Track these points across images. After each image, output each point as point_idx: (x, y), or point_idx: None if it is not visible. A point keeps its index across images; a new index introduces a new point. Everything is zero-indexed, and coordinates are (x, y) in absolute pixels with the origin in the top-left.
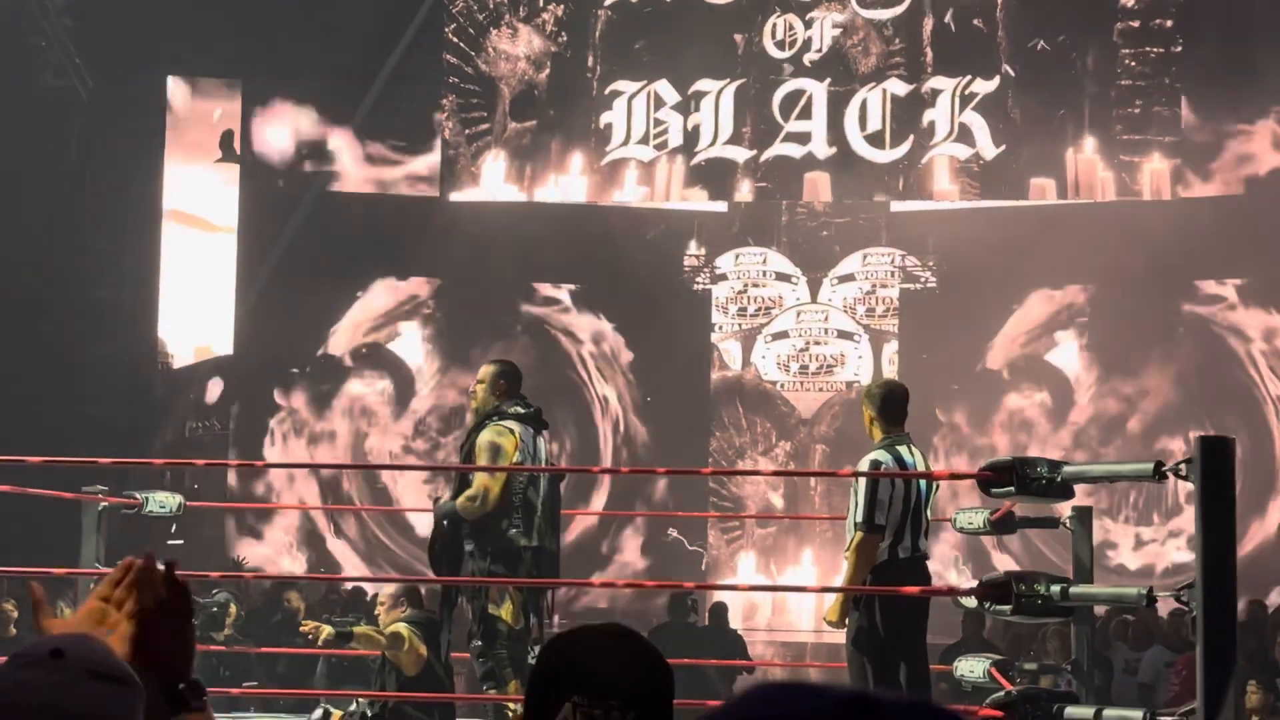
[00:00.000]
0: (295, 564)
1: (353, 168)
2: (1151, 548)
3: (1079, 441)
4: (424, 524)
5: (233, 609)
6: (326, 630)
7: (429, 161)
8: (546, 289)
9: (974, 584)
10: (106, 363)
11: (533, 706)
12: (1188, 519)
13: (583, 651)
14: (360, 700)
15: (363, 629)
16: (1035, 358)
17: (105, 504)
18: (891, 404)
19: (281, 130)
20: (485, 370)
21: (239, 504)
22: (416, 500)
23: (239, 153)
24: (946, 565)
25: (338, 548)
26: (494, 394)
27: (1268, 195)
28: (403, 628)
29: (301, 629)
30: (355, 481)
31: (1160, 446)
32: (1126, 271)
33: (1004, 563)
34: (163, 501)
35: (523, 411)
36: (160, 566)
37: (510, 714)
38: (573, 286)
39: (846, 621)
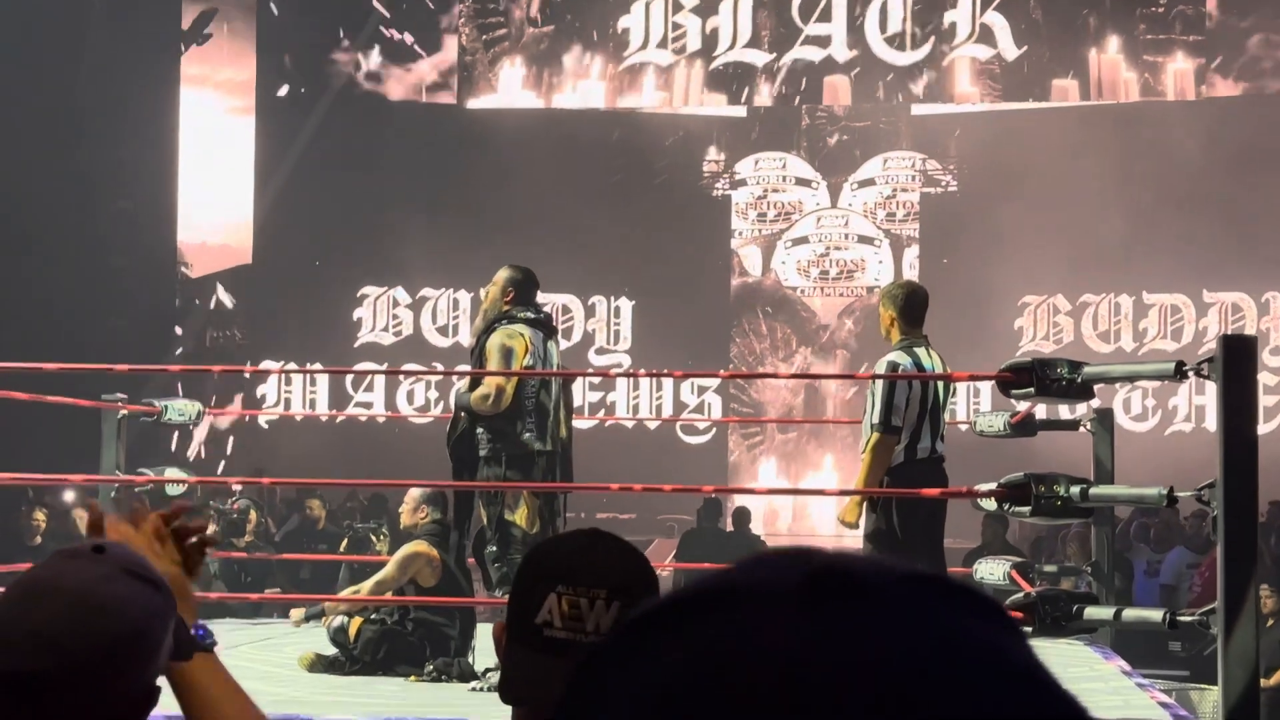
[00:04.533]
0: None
1: (369, 74)
2: (1167, 444)
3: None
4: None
5: (253, 515)
6: (297, 615)
7: (446, 68)
8: (564, 195)
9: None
10: (125, 272)
11: (516, 604)
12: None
13: (565, 547)
14: (381, 609)
15: (369, 584)
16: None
17: (124, 411)
18: (913, 306)
19: (297, 39)
20: (499, 274)
21: (257, 410)
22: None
23: (257, 62)
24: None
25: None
26: (504, 299)
27: None
28: (412, 547)
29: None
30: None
31: (1186, 342)
32: (1149, 173)
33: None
34: (181, 409)
35: (533, 316)
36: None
37: (494, 626)
38: (591, 192)
39: (862, 522)
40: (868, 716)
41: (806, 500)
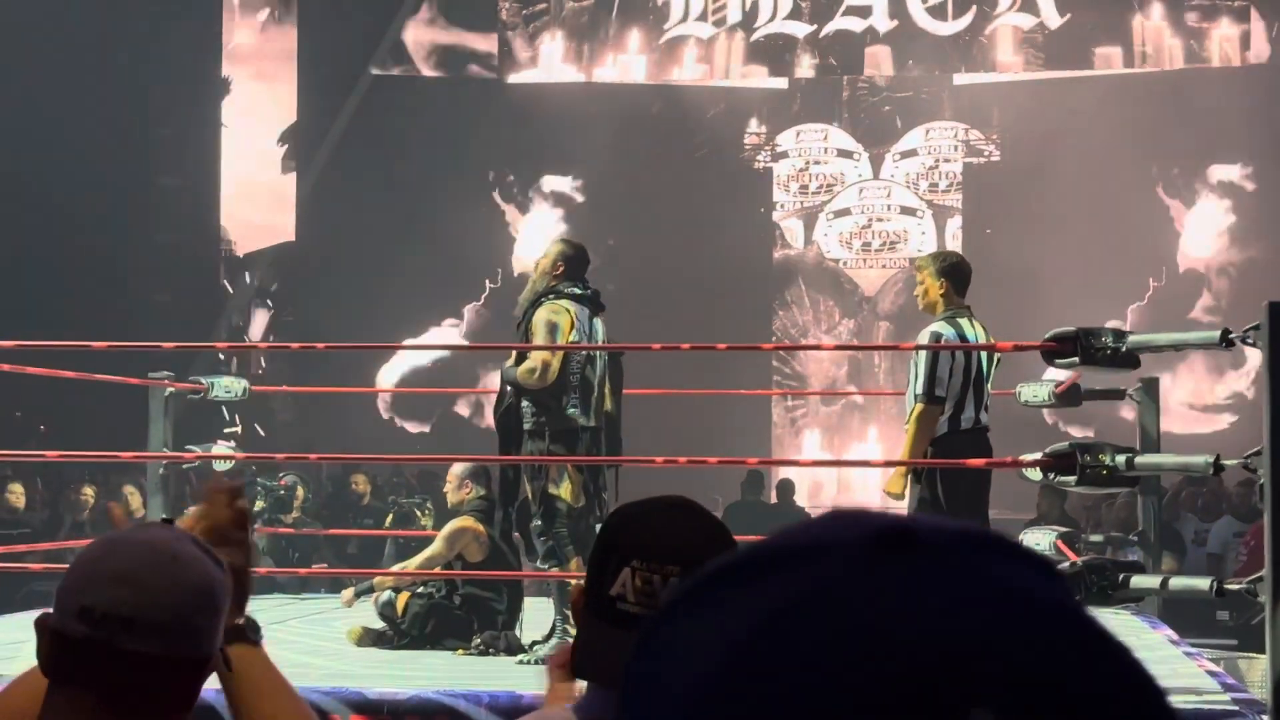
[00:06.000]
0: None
1: (411, 51)
2: (1211, 414)
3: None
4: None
5: (300, 491)
6: (348, 595)
7: (487, 43)
8: (605, 170)
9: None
10: (170, 249)
11: (593, 574)
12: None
13: (643, 519)
14: (429, 584)
15: (417, 560)
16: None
17: (171, 389)
18: (959, 277)
19: (335, 17)
20: (551, 248)
21: (302, 388)
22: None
23: (299, 42)
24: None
25: (406, 424)
26: (552, 273)
27: None
28: (460, 523)
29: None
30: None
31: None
32: (1190, 141)
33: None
34: (228, 386)
35: (579, 292)
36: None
37: (572, 589)
38: (633, 166)
39: (907, 494)
40: (943, 664)
41: (851, 472)
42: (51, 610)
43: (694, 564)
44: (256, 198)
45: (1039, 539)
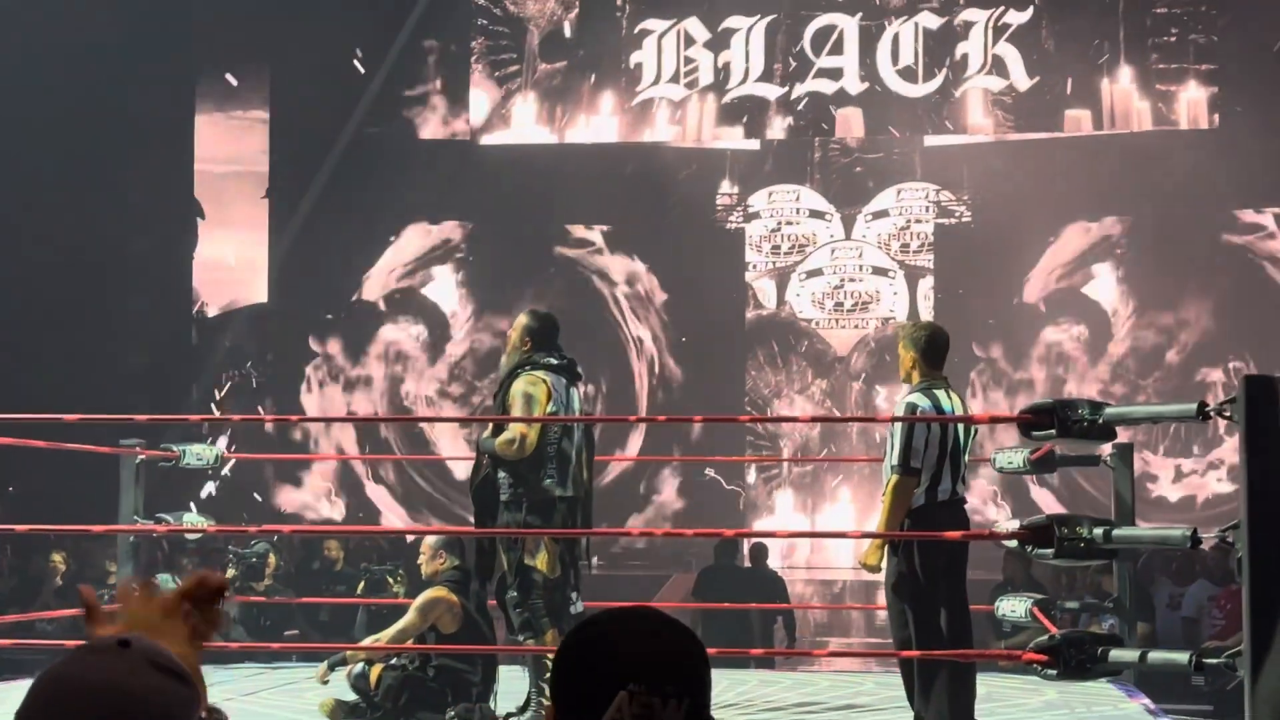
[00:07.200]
0: (334, 510)
1: (384, 112)
2: (1192, 479)
3: (1116, 374)
4: (461, 469)
5: (272, 559)
6: (322, 671)
7: (459, 104)
8: (579, 231)
9: (1013, 521)
10: (142, 313)
11: (571, 701)
12: (1228, 449)
13: (626, 640)
14: (402, 656)
15: (390, 632)
16: (1072, 291)
17: (142, 457)
18: (934, 348)
19: (309, 77)
20: (518, 321)
21: (275, 455)
22: (453, 444)
23: (270, 101)
24: (985, 500)
25: (376, 493)
26: (523, 346)
27: None
28: (433, 593)
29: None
30: (392, 427)
31: (1200, 379)
32: (1163, 202)
33: (1043, 498)
34: (199, 453)
35: (555, 362)
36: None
37: (549, 664)
38: (605, 228)
39: (883, 565)
40: None
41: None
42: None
43: (687, 685)
44: (229, 258)
45: (1014, 606)
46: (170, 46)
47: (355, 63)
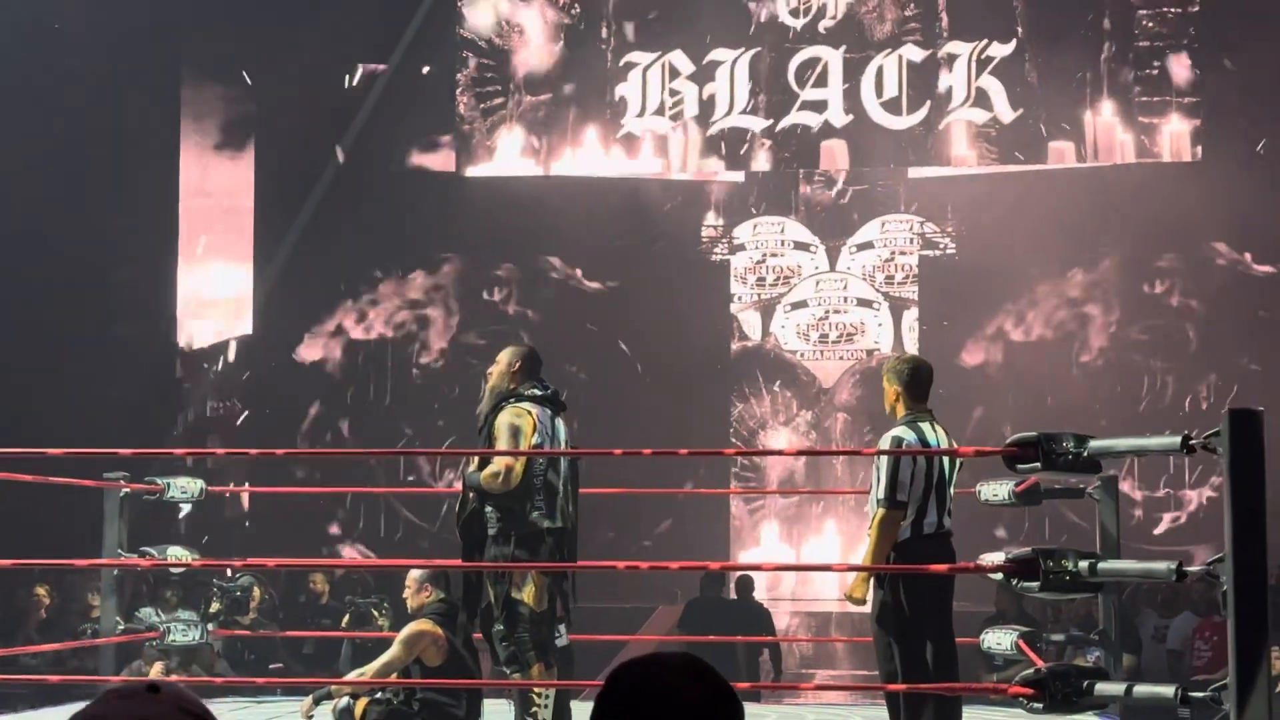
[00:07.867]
0: None
1: (369, 145)
2: (1175, 507)
3: (1100, 406)
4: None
5: (256, 592)
6: (306, 705)
7: (444, 137)
8: (561, 262)
9: (998, 554)
10: (125, 344)
11: None
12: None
13: (664, 697)
14: (387, 689)
15: (375, 666)
16: (1056, 322)
17: (126, 490)
18: (918, 382)
19: (294, 108)
20: (503, 354)
21: (261, 489)
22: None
23: (256, 131)
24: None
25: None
26: (508, 378)
27: None
28: (417, 625)
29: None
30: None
31: (1185, 409)
32: (1144, 233)
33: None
34: (184, 487)
35: (539, 394)
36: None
37: (535, 698)
38: (589, 259)
39: (869, 599)
40: None
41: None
42: None
43: None
44: (214, 288)
45: (1000, 639)
46: (155, 75)
47: (341, 93)
